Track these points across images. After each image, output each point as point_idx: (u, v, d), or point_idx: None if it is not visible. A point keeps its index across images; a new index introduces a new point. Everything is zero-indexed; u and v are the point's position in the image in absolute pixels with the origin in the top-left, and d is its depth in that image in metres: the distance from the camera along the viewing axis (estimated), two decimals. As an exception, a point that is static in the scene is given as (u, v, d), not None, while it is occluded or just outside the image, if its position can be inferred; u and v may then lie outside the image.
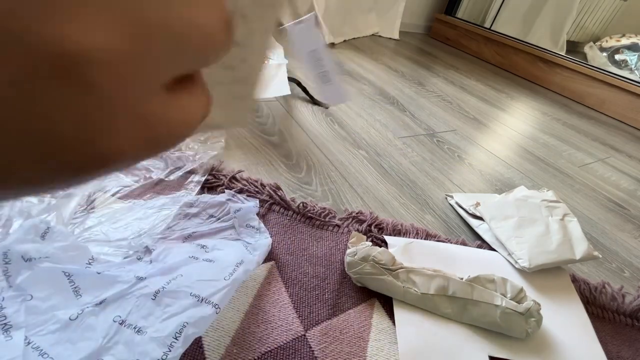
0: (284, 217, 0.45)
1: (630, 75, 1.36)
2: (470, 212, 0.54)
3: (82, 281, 0.30)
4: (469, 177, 0.68)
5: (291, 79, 0.80)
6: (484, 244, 0.50)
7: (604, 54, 1.63)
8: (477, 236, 0.51)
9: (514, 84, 1.41)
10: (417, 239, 0.47)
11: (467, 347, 0.35)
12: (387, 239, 0.45)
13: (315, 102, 0.80)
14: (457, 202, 0.56)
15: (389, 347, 0.34)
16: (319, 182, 0.55)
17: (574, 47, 1.81)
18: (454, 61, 1.53)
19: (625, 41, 1.64)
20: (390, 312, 0.37)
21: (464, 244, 0.48)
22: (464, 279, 0.37)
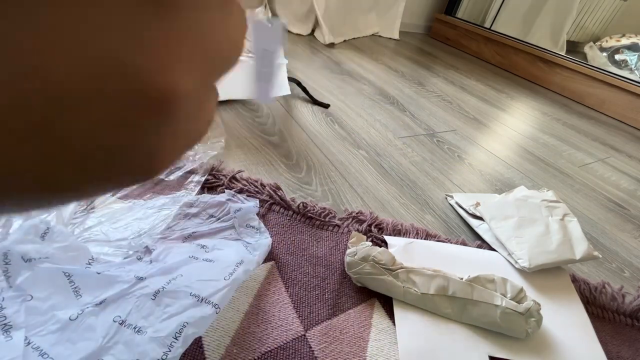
0: (284, 217, 0.45)
1: (630, 75, 1.36)
2: (470, 212, 0.54)
3: (82, 281, 0.30)
4: (469, 177, 0.68)
5: (291, 79, 0.80)
6: (484, 244, 0.50)
7: (604, 54, 1.63)
8: (477, 236, 0.51)
9: (514, 84, 1.41)
10: (417, 239, 0.47)
11: (467, 347, 0.35)
12: (387, 239, 0.45)
13: (315, 102, 0.80)
14: (457, 202, 0.56)
15: (389, 347, 0.34)
16: (319, 182, 0.55)
17: (574, 47, 1.81)
18: (454, 61, 1.53)
19: (625, 41, 1.64)
20: (390, 312, 0.37)
21: (464, 244, 0.48)
22: (464, 279, 0.37)
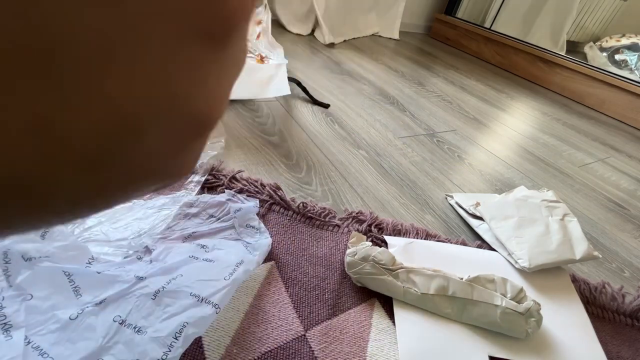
0: (284, 217, 0.45)
1: (630, 75, 1.36)
2: (470, 212, 0.54)
3: (82, 281, 0.30)
4: (469, 177, 0.68)
5: (291, 79, 0.80)
6: (484, 244, 0.50)
7: (604, 54, 1.63)
8: (477, 236, 0.51)
9: (514, 84, 1.41)
10: (417, 239, 0.47)
11: (467, 347, 0.35)
12: (387, 239, 0.45)
13: (315, 102, 0.80)
14: (457, 202, 0.56)
15: (389, 347, 0.34)
16: (319, 182, 0.55)
17: (574, 47, 1.81)
18: (454, 61, 1.53)
19: (625, 41, 1.64)
20: (390, 312, 0.37)
21: (464, 244, 0.48)
22: (464, 279, 0.37)
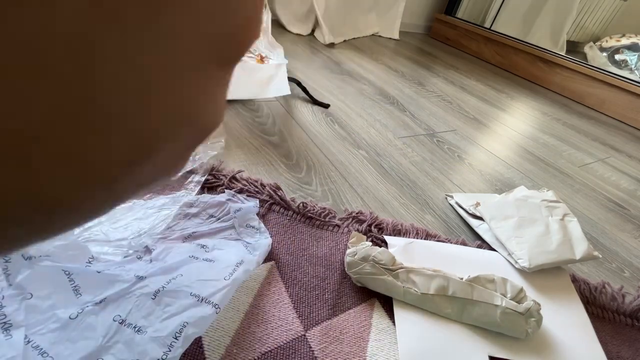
0: (284, 217, 0.45)
1: (630, 75, 1.36)
2: (470, 212, 0.54)
3: (82, 280, 0.30)
4: (469, 177, 0.68)
5: (291, 79, 0.80)
6: (484, 244, 0.50)
7: (604, 54, 1.63)
8: (477, 236, 0.51)
9: (514, 84, 1.41)
10: (417, 239, 0.47)
11: (467, 347, 0.35)
12: (387, 239, 0.45)
13: (315, 102, 0.80)
14: (457, 202, 0.56)
15: (389, 347, 0.34)
16: (319, 182, 0.55)
17: (574, 47, 1.81)
18: (454, 61, 1.53)
19: (625, 41, 1.64)
20: (390, 312, 0.37)
21: (464, 244, 0.48)
22: (464, 279, 0.37)
